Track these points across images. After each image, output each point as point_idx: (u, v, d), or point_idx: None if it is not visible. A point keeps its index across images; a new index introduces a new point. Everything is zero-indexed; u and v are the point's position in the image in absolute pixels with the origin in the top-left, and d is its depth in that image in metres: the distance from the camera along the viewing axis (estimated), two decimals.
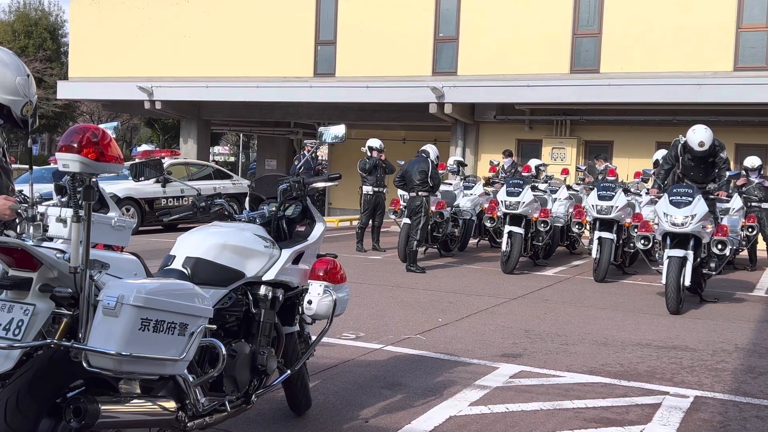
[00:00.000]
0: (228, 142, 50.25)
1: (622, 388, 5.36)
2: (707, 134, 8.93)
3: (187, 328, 2.96)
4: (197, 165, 18.55)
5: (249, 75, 19.95)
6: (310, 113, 21.76)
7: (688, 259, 8.44)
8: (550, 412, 4.76)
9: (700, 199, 8.66)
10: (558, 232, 12.78)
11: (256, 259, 3.74)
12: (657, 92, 16.00)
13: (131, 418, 2.96)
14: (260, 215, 4.07)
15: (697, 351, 6.60)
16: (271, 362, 3.74)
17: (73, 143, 2.77)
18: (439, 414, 4.62)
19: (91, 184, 2.83)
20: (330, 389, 5.04)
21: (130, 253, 3.59)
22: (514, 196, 11.17)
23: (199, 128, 22.82)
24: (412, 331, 6.89)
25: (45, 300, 2.86)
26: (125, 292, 2.76)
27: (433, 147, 12.21)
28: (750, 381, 5.68)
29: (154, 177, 4.15)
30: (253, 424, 4.32)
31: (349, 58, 19.22)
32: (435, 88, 17.59)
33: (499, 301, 8.78)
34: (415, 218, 11.25)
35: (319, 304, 4.02)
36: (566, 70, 17.30)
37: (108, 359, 2.73)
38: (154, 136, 40.47)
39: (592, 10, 17.16)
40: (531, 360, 6.07)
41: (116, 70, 21.54)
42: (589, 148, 18.43)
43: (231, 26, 20.36)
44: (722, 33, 15.93)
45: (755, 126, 16.35)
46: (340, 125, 4.41)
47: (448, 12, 18.47)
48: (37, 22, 35.04)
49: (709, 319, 8.13)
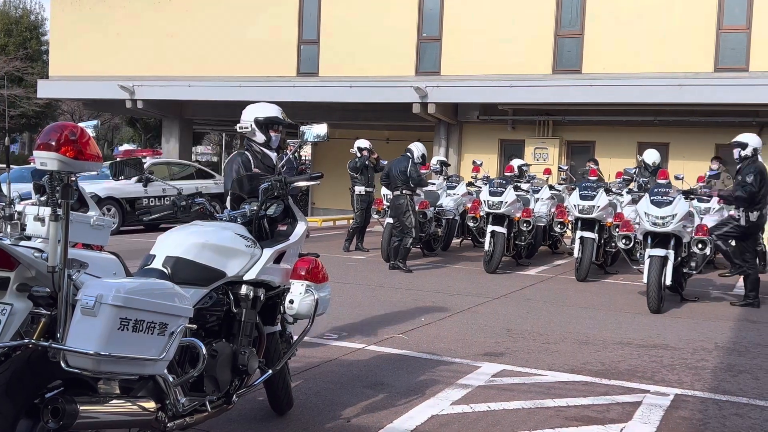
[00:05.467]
0: (210, 142, 50.03)
1: (603, 386, 5.38)
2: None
3: (166, 327, 2.94)
4: (179, 165, 18.45)
5: (232, 74, 19.88)
6: (293, 113, 21.50)
7: (669, 258, 8.50)
8: (532, 410, 4.77)
9: (680, 198, 8.74)
10: (540, 231, 12.83)
11: (237, 259, 3.72)
12: (638, 93, 16.11)
13: (110, 418, 2.94)
14: (241, 214, 4.06)
15: (677, 350, 6.65)
16: (253, 362, 3.72)
17: (51, 141, 2.75)
18: (422, 413, 4.62)
19: (69, 182, 2.81)
20: (312, 389, 5.03)
21: (110, 252, 3.57)
22: (496, 196, 11.20)
23: (181, 128, 22.70)
24: (394, 331, 6.89)
25: (23, 300, 2.83)
26: (104, 292, 2.74)
27: (418, 145, 12.12)
28: (729, 379, 5.73)
29: (134, 176, 4.13)
30: (234, 424, 4.30)
31: (333, 58, 19.20)
32: (418, 88, 17.61)
33: (481, 300, 8.80)
34: (404, 217, 11.23)
35: (301, 304, 4.01)
36: (549, 70, 17.38)
37: (87, 359, 2.71)
38: (136, 136, 40.21)
39: (575, 10, 17.24)
40: (513, 359, 6.09)
41: (97, 69, 21.38)
42: (572, 148, 18.52)
43: (213, 25, 20.27)
44: (703, 34, 16.06)
45: (735, 126, 16.43)
46: (322, 124, 4.41)
47: (432, 12, 18.50)
48: (18, 21, 34.72)
49: (689, 318, 8.19)
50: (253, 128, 5.49)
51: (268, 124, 5.50)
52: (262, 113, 5.52)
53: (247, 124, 5.52)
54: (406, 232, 11.19)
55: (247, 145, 5.56)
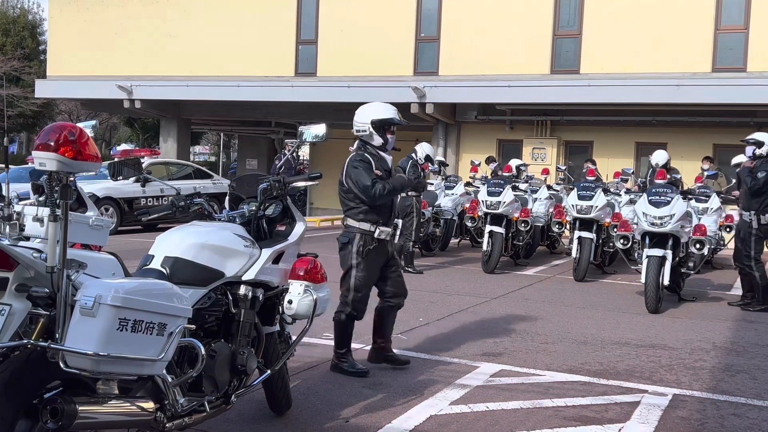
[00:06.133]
0: (208, 142, 50.02)
1: (601, 386, 5.39)
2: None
3: (165, 328, 2.94)
4: (177, 164, 18.43)
5: (230, 74, 19.87)
6: (291, 113, 21.71)
7: (667, 258, 8.50)
8: (530, 410, 4.78)
9: (678, 198, 8.74)
10: (538, 231, 12.83)
11: (236, 259, 3.72)
12: (636, 93, 16.12)
13: (109, 418, 2.94)
14: (240, 215, 4.06)
15: (675, 349, 6.65)
16: (251, 362, 3.72)
17: (50, 142, 2.75)
18: (420, 413, 4.62)
19: (68, 183, 2.81)
20: (311, 389, 5.03)
21: (108, 252, 3.56)
22: (494, 196, 11.20)
23: (179, 127, 22.68)
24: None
25: (21, 300, 2.83)
26: (103, 292, 2.74)
27: (423, 146, 11.77)
28: (727, 379, 5.73)
29: (132, 176, 4.13)
30: (233, 424, 4.30)
31: (331, 58, 19.19)
32: (416, 88, 17.62)
33: (479, 300, 8.80)
34: (407, 219, 11.21)
35: (300, 304, 4.01)
36: (547, 70, 17.39)
37: (85, 359, 2.71)
38: (134, 136, 40.18)
39: (573, 11, 17.25)
40: (511, 359, 6.09)
41: (95, 69, 21.36)
42: (570, 149, 18.53)
43: (211, 25, 20.26)
44: (701, 34, 16.08)
45: (733, 126, 16.51)
46: (321, 124, 4.40)
47: (430, 12, 18.50)
48: (15, 20, 34.69)
49: (687, 318, 8.20)
50: (371, 131, 5.36)
51: (385, 125, 5.38)
52: (378, 114, 5.39)
53: (365, 127, 5.38)
54: (406, 234, 11.18)
55: (362, 148, 5.42)
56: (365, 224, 5.41)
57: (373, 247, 5.41)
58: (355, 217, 5.45)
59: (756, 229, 8.64)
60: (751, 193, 8.61)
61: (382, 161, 5.41)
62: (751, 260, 8.67)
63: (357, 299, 5.43)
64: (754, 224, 8.63)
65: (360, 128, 5.42)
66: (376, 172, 5.32)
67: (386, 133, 5.42)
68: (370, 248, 5.40)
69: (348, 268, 5.45)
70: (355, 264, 5.41)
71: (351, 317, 5.46)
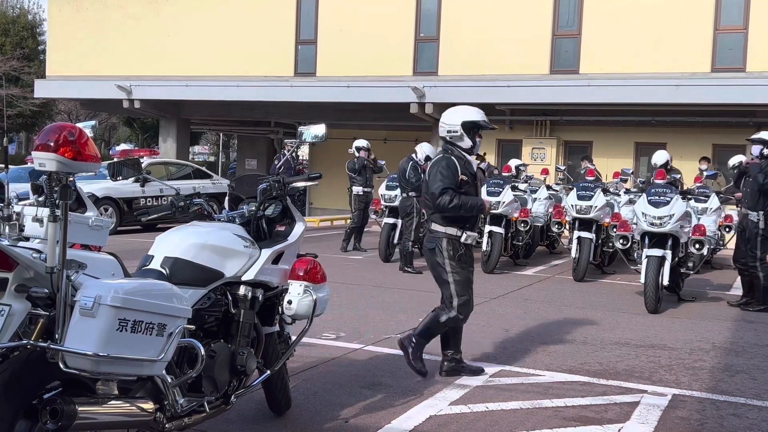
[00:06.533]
0: (208, 142, 50.00)
1: (600, 386, 5.39)
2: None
3: (165, 328, 2.94)
4: (176, 164, 18.43)
5: (229, 74, 19.87)
6: (290, 113, 21.71)
7: (667, 258, 8.51)
8: (530, 410, 4.78)
9: (677, 198, 8.74)
10: (538, 231, 12.84)
11: (236, 259, 3.72)
12: (636, 93, 16.12)
13: (109, 419, 2.94)
14: (240, 215, 4.06)
15: (675, 350, 6.65)
16: (251, 363, 3.72)
17: (50, 142, 2.75)
18: (420, 413, 4.62)
19: (68, 183, 2.81)
20: (310, 389, 5.03)
21: (108, 253, 3.57)
22: (494, 196, 11.20)
23: (178, 127, 22.67)
24: (392, 331, 6.89)
25: (21, 300, 2.83)
26: (102, 292, 2.74)
27: (422, 146, 11.70)
28: (727, 379, 5.74)
29: (131, 176, 4.13)
30: (233, 424, 4.30)
31: (330, 58, 19.19)
32: (416, 88, 17.61)
33: (479, 300, 8.76)
34: (407, 219, 11.21)
35: (299, 304, 4.02)
36: (546, 70, 17.38)
37: (85, 360, 2.71)
38: (133, 136, 40.17)
39: (572, 11, 17.26)
40: (511, 359, 6.09)
41: (94, 69, 21.35)
42: (569, 149, 18.53)
43: (211, 25, 20.25)
44: (700, 34, 16.08)
45: (732, 127, 16.52)
46: (321, 124, 4.40)
47: (429, 12, 18.50)
48: (15, 20, 34.68)
49: (686, 318, 8.20)
50: (462, 132, 5.29)
51: (475, 128, 5.33)
52: (469, 117, 5.33)
53: (456, 128, 5.30)
54: (406, 235, 11.18)
55: (449, 150, 5.34)
56: (452, 229, 5.32)
57: (464, 251, 5.34)
58: (440, 222, 5.35)
59: (762, 229, 8.60)
60: (763, 191, 8.56)
61: (468, 164, 5.33)
62: (756, 261, 8.65)
63: (463, 303, 5.37)
64: (761, 224, 8.60)
65: (451, 129, 5.31)
66: (462, 177, 5.22)
67: (475, 136, 5.36)
68: (461, 253, 5.33)
69: (443, 275, 5.37)
70: (450, 271, 5.34)
71: (456, 321, 5.41)
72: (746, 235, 8.73)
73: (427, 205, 5.49)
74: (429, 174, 5.36)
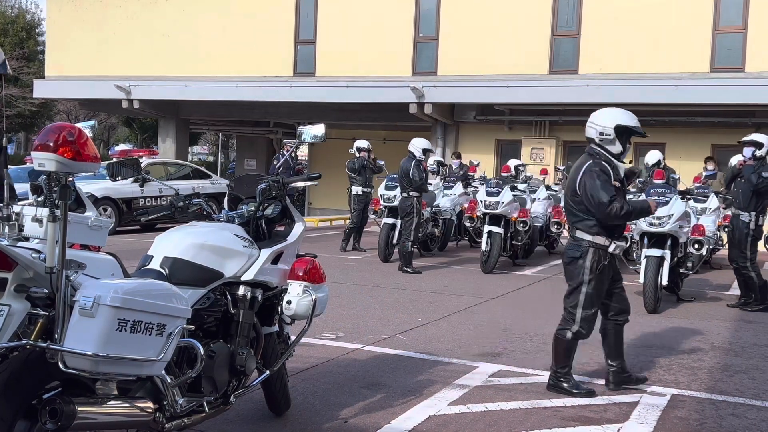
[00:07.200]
0: (207, 142, 49.98)
1: (600, 386, 5.39)
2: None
3: (164, 328, 2.94)
4: (176, 165, 18.43)
5: (228, 74, 19.87)
6: (289, 113, 21.71)
7: (666, 258, 8.51)
8: (529, 410, 4.78)
9: (677, 199, 8.74)
10: (537, 231, 12.83)
11: (235, 259, 3.72)
12: (635, 93, 16.10)
13: (108, 419, 2.94)
14: (239, 215, 4.06)
15: (674, 350, 6.66)
16: (250, 363, 3.72)
17: (49, 142, 2.75)
18: (419, 413, 4.62)
19: (67, 183, 2.81)
20: (309, 389, 5.03)
21: (107, 253, 3.57)
22: (493, 196, 11.20)
23: (177, 128, 22.67)
24: (391, 331, 6.89)
25: (20, 300, 2.83)
26: (102, 293, 2.74)
27: (416, 143, 11.48)
28: (726, 379, 5.74)
29: (131, 176, 4.14)
30: (232, 424, 4.30)
31: (329, 58, 19.19)
32: (415, 89, 17.62)
33: (478, 300, 8.81)
34: (407, 219, 11.19)
35: (299, 304, 4.01)
36: (545, 70, 17.39)
37: (84, 360, 2.71)
38: (132, 136, 40.17)
39: (571, 11, 17.26)
40: (510, 359, 6.09)
41: (94, 69, 21.35)
42: (568, 149, 18.53)
43: (210, 25, 20.25)
44: (699, 35, 16.09)
45: (731, 126, 16.52)
46: (320, 124, 4.41)
47: (428, 12, 18.50)
48: (14, 20, 34.67)
49: (685, 318, 8.20)
50: (614, 136, 5.06)
51: (627, 133, 5.13)
52: (624, 120, 5.12)
53: (609, 131, 5.06)
54: (405, 235, 11.18)
55: (597, 154, 5.10)
56: (600, 238, 5.11)
57: (608, 262, 5.14)
58: (588, 230, 5.13)
59: (753, 230, 8.63)
60: (757, 192, 8.57)
61: (616, 171, 5.10)
62: (747, 261, 8.68)
63: (586, 317, 5.17)
64: (752, 225, 8.62)
65: (603, 131, 5.07)
66: (615, 183, 5.02)
67: (626, 142, 5.14)
68: (604, 263, 5.13)
69: (578, 284, 5.19)
70: (587, 280, 5.14)
71: (578, 336, 5.20)
72: (736, 235, 8.76)
73: (570, 212, 5.23)
74: (580, 181, 5.07)
